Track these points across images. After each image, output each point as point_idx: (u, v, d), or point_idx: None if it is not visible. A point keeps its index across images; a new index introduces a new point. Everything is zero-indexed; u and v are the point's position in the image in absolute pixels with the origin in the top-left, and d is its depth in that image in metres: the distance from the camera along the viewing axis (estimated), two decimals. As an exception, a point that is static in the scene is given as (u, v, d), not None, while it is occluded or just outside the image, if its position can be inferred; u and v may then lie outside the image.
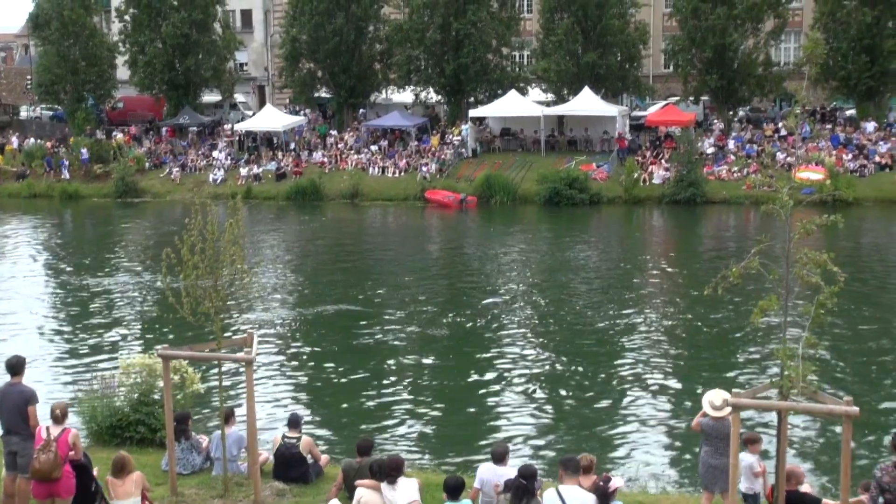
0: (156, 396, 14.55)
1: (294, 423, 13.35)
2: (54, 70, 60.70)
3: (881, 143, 48.83)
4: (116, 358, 19.81)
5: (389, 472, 10.60)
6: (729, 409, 10.09)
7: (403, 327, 25.53)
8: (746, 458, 11.50)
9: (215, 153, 56.93)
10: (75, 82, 61.25)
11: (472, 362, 22.33)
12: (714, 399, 11.49)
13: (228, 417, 13.04)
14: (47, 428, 10.72)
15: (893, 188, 44.85)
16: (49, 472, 10.40)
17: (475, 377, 21.17)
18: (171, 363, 12.52)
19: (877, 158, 47.34)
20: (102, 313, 27.75)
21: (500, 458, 11.31)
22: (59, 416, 10.84)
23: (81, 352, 23.68)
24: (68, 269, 35.10)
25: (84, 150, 56.90)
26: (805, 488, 11.00)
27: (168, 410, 11.96)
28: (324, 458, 13.68)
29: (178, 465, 12.62)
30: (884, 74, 50.27)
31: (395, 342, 24.25)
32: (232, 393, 18.60)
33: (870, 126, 50.48)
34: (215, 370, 15.87)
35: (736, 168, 47.75)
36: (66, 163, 56.50)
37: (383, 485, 10.63)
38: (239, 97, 67.81)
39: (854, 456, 11.83)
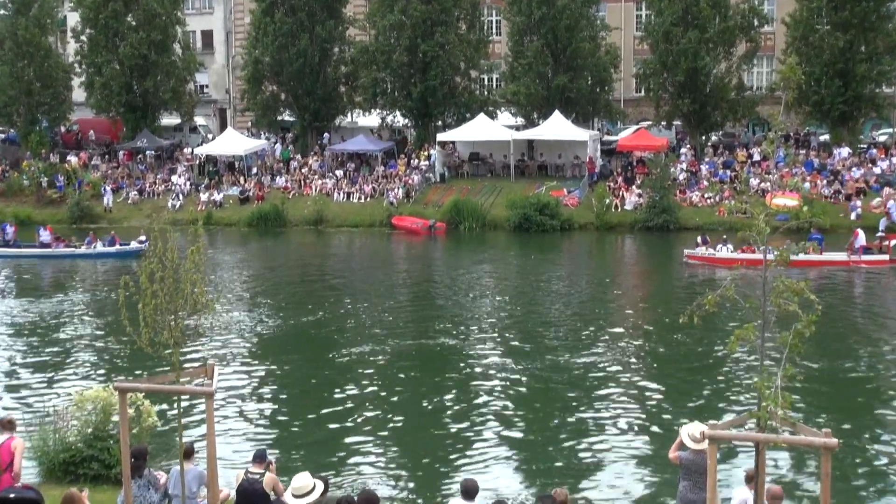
0: (111, 431, 14.20)
1: (259, 457, 12.57)
2: (8, 91, 59.14)
3: (854, 168, 48.34)
4: (70, 391, 19.11)
5: None
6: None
7: (371, 359, 24.47)
8: (743, 494, 11.25)
9: (174, 178, 55.28)
10: (29, 104, 59.68)
11: (442, 395, 21.45)
12: (693, 431, 11.47)
13: (188, 453, 12.18)
14: None
15: (867, 214, 44.28)
16: None
17: (444, 410, 20.36)
18: (127, 396, 11.71)
19: (851, 184, 46.80)
20: (56, 344, 26.43)
21: (470, 493, 11.08)
22: (6, 423, 11.15)
23: (34, 384, 22.41)
24: (20, 296, 33.46)
25: (60, 177, 55.22)
26: None
27: (124, 445, 11.08)
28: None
29: (134, 503, 11.67)
30: (857, 99, 49.93)
31: (362, 374, 23.23)
32: (192, 426, 17.54)
33: (844, 151, 50.01)
34: (175, 403, 14.95)
35: (709, 194, 47.05)
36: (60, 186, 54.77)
37: (353, 522, 9.84)
38: (199, 120, 66.25)
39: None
